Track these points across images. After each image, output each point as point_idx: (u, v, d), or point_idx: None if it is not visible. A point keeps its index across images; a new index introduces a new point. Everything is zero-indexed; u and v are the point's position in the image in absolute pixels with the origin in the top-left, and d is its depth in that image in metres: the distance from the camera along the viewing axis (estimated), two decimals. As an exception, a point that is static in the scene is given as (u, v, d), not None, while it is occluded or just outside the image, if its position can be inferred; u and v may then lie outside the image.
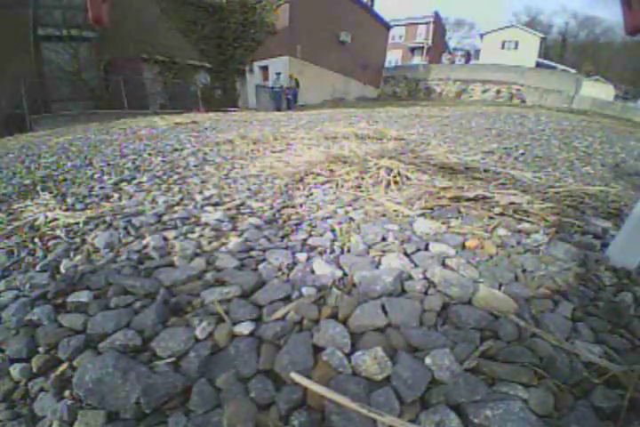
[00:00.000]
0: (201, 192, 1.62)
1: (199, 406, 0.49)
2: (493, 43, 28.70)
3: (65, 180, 2.12)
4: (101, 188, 1.77)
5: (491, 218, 1.07)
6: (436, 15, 29.48)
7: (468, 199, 1.19)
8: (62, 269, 0.89)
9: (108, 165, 2.48)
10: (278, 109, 12.17)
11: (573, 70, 24.11)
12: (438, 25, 31.00)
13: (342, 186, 1.68)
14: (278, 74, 13.52)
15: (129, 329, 0.63)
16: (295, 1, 14.86)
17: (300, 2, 15.06)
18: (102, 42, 11.65)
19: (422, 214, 1.14)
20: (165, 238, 1.03)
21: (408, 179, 1.62)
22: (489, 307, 0.65)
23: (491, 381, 0.52)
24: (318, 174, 1.88)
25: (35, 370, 0.58)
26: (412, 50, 31.07)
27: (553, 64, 25.74)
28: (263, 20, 14.52)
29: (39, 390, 0.56)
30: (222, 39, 14.15)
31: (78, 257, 0.95)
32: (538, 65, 25.23)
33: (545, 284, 0.74)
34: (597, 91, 20.57)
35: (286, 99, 13.06)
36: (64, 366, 0.58)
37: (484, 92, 22.65)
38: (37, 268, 0.91)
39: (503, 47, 28.34)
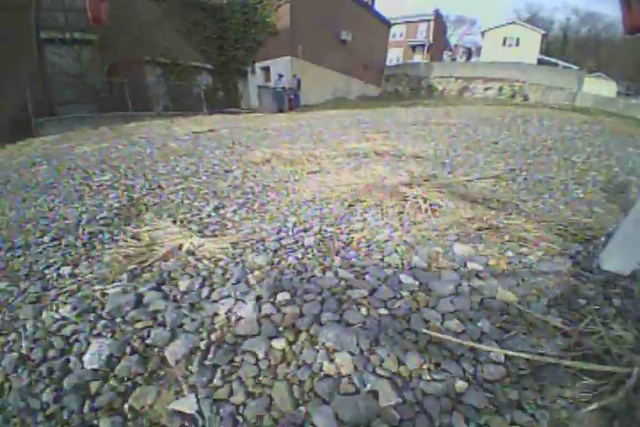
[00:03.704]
0: (286, 220, 2.14)
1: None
2: (495, 40, 28.85)
3: (154, 204, 2.33)
4: (209, 215, 2.24)
5: (502, 243, 1.65)
6: (437, 13, 29.65)
7: (488, 228, 1.78)
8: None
9: (182, 189, 2.67)
10: (281, 110, 12.03)
11: (575, 67, 24.26)
12: (439, 22, 31.15)
13: (387, 212, 2.22)
14: (280, 75, 13.39)
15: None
16: (296, 1, 14.83)
17: (301, 2, 15.02)
18: (105, 44, 11.65)
19: (457, 239, 1.72)
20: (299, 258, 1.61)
21: (440, 206, 2.20)
22: (503, 299, 1.23)
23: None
24: (363, 201, 2.39)
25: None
26: (413, 48, 31.26)
27: (554, 61, 25.88)
28: (264, 20, 14.17)
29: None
30: (224, 40, 13.88)
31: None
32: (539, 62, 25.41)
33: (534, 288, 1.32)
34: (599, 87, 20.69)
35: (289, 99, 13.11)
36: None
37: (487, 89, 22.80)
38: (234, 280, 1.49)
39: (504, 44, 28.50)
